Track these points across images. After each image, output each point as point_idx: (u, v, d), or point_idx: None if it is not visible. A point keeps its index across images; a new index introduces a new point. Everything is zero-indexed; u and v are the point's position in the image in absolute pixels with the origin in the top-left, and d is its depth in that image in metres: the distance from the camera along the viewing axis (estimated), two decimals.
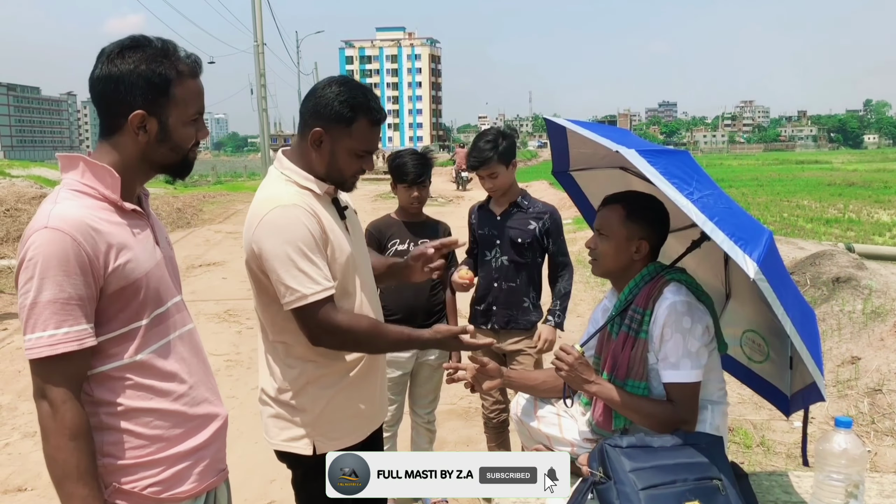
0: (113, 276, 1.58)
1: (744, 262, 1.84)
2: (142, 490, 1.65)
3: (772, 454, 4.41)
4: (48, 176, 21.89)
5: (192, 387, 1.76)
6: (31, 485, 4.16)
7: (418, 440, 3.93)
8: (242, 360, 6.59)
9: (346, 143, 2.14)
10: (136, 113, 1.62)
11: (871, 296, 6.25)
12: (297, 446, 2.24)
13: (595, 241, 2.47)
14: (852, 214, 17.76)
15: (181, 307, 1.81)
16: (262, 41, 33.05)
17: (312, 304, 2.05)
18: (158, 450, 1.68)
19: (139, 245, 1.66)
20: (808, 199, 22.07)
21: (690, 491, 2.00)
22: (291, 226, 2.06)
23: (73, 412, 1.53)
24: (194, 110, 1.72)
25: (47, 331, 1.50)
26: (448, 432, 4.94)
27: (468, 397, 5.51)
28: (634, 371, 2.31)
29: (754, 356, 2.61)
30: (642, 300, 2.33)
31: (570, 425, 2.57)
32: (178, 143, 1.71)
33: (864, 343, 5.57)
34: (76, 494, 1.53)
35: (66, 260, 1.51)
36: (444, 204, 22.21)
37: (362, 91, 2.15)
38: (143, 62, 1.62)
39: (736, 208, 2.17)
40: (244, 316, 8.22)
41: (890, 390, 4.90)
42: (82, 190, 1.62)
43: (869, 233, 14.23)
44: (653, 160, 2.04)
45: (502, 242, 3.57)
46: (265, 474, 4.32)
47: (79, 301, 1.53)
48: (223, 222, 18.52)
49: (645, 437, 2.14)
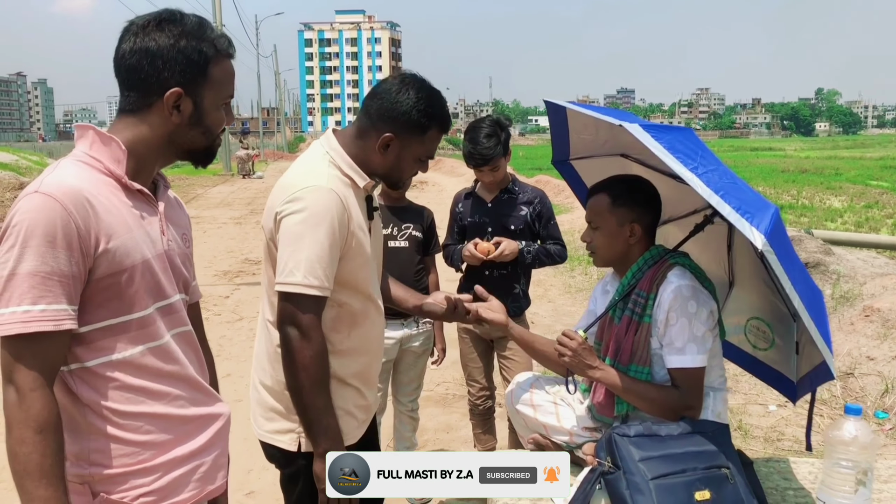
0: (103, 258, 1.42)
1: (751, 234, 1.81)
2: (133, 500, 1.50)
3: (749, 438, 4.45)
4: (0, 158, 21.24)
5: (188, 387, 1.61)
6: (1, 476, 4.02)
7: (401, 428, 3.87)
8: (212, 348, 6.44)
9: (415, 149, 2.10)
10: (173, 91, 1.50)
11: (840, 281, 6.35)
12: (283, 440, 2.15)
13: (589, 235, 2.43)
14: (805, 201, 18.18)
15: (181, 306, 1.65)
16: (220, 22, 32.44)
17: (300, 294, 1.95)
18: (152, 456, 1.53)
19: (140, 230, 1.51)
20: (763, 186, 22.51)
21: (700, 480, 1.97)
22: (320, 210, 1.95)
23: (43, 402, 1.35)
24: (227, 93, 1.61)
25: (22, 306, 1.34)
26: (427, 419, 4.89)
27: (445, 383, 5.47)
28: (638, 356, 2.28)
29: (759, 344, 2.59)
30: (646, 284, 2.29)
31: (567, 414, 2.53)
32: (210, 127, 1.59)
33: (834, 327, 5.65)
34: (37, 496, 1.34)
35: (52, 230, 1.36)
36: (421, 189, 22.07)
37: (438, 100, 2.09)
38: (182, 37, 1.50)
39: (741, 184, 2.15)
40: (211, 302, 8.06)
41: (861, 374, 4.98)
42: (87, 161, 1.48)
43: (822, 219, 14.58)
44: (657, 135, 2.00)
45: (494, 229, 3.49)
46: (243, 464, 4.22)
47: (61, 277, 1.37)
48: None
49: (652, 425, 2.10)
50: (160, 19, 1.51)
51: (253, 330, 6.98)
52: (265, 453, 2.25)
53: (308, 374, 1.97)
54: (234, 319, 7.42)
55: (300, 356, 1.96)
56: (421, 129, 2.06)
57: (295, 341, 1.96)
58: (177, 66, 1.50)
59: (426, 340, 3.67)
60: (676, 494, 1.94)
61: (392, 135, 2.05)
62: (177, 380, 1.58)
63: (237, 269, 10.07)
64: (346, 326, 2.11)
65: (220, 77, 1.57)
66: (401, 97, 2.03)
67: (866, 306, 5.61)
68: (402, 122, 2.04)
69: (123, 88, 1.54)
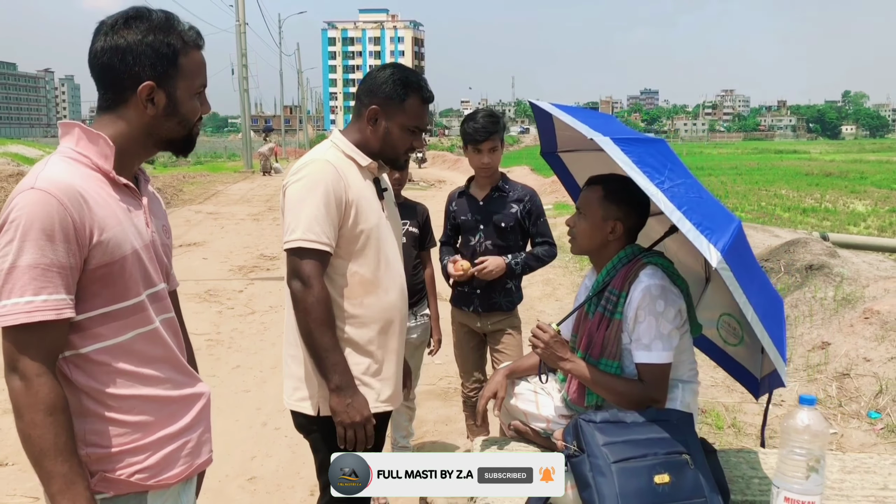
0: (97, 249, 1.50)
1: (708, 252, 1.90)
2: (129, 477, 1.59)
3: (742, 435, 4.53)
4: (26, 153, 21.66)
5: (174, 371, 1.71)
6: (12, 460, 4.18)
7: (398, 418, 3.99)
8: (223, 340, 6.62)
9: (399, 118, 2.36)
10: (145, 84, 1.57)
11: (843, 283, 6.39)
12: (304, 406, 2.38)
13: (574, 220, 2.53)
14: (829, 204, 18.02)
15: (165, 295, 1.74)
16: (243, 21, 32.78)
17: (300, 248, 2.21)
18: (143, 435, 1.61)
19: (128, 223, 1.58)
20: (786, 189, 22.35)
21: (660, 464, 2.07)
22: (316, 178, 2.26)
23: (49, 385, 1.44)
24: (200, 82, 1.68)
25: (24, 297, 1.41)
26: (427, 412, 5.02)
27: (447, 378, 5.59)
28: (608, 350, 2.38)
29: (729, 339, 2.68)
30: (619, 282, 2.39)
31: (546, 402, 2.64)
32: (185, 117, 1.66)
33: (834, 329, 5.71)
34: (56, 472, 1.43)
35: (50, 224, 1.42)
36: (426, 188, 22.25)
37: (413, 72, 2.41)
38: (150, 32, 1.57)
39: (707, 197, 2.23)
40: (224, 296, 8.24)
41: (857, 374, 5.04)
42: (75, 157, 1.55)
43: (844, 222, 14.46)
44: (627, 148, 2.09)
45: (486, 227, 3.60)
46: (246, 451, 4.39)
47: (60, 269, 1.44)
48: (203, 203, 18.44)
49: (618, 412, 2.21)
50: (127, 17, 1.58)
51: (264, 323, 7.16)
52: (294, 423, 2.50)
53: (311, 316, 2.21)
54: (246, 313, 7.59)
55: (304, 302, 2.22)
56: (399, 97, 2.35)
57: (299, 291, 2.23)
58: (146, 60, 1.56)
59: (423, 332, 3.80)
60: (637, 477, 2.04)
61: (376, 107, 2.35)
62: (163, 363, 1.68)
63: (252, 264, 10.25)
64: (358, 294, 2.34)
65: (190, 68, 1.64)
66: (380, 73, 2.38)
67: (866, 308, 5.65)
68: (381, 94, 2.35)
69: (100, 87, 1.61)
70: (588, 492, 2.05)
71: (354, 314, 2.34)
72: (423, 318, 3.78)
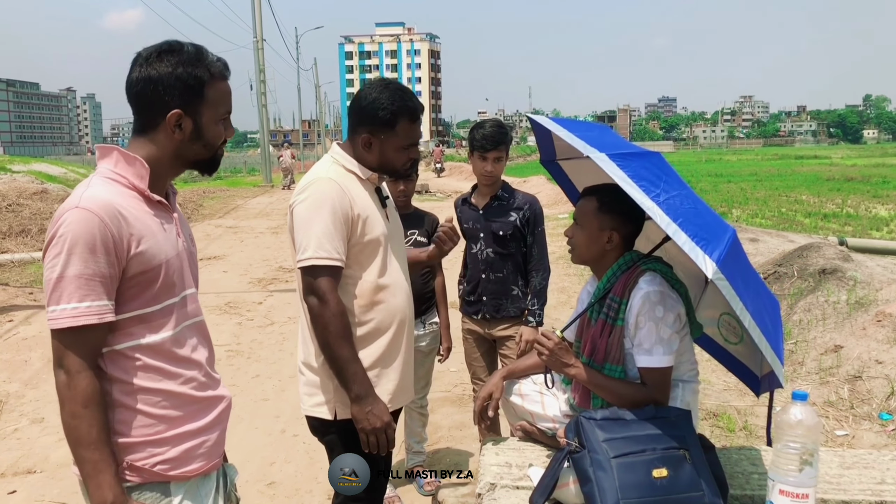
0: (134, 260, 1.67)
1: (703, 263, 1.99)
2: (152, 467, 1.74)
3: (753, 438, 4.57)
4: (49, 171, 22.02)
5: (199, 372, 1.86)
6: (40, 467, 4.32)
7: (412, 424, 4.10)
8: (242, 351, 6.76)
9: (392, 142, 2.43)
10: (173, 112, 1.73)
11: (856, 286, 6.40)
12: (321, 411, 2.49)
13: (572, 231, 2.62)
14: (850, 209, 17.86)
15: (195, 299, 1.92)
16: (261, 37, 33.19)
17: (313, 266, 2.31)
18: (166, 429, 1.76)
19: (162, 234, 1.76)
20: (807, 194, 22.18)
21: (659, 459, 2.15)
22: (322, 196, 2.34)
23: (87, 381, 1.61)
24: (224, 110, 1.84)
25: (71, 303, 1.60)
26: (442, 418, 5.11)
27: (461, 385, 5.68)
28: (612, 356, 2.46)
29: (730, 338, 2.75)
30: (619, 289, 2.47)
31: (551, 403, 2.72)
32: (210, 141, 1.82)
33: (846, 332, 5.73)
34: (88, 459, 1.61)
35: (92, 239, 1.60)
36: (442, 199, 22.41)
37: (400, 93, 2.43)
38: (179, 65, 1.74)
39: (702, 208, 2.31)
40: (244, 308, 8.39)
41: (869, 377, 5.06)
42: (114, 178, 1.72)
43: (867, 227, 14.33)
44: (623, 163, 2.18)
45: (485, 235, 3.69)
46: (265, 457, 4.50)
47: (101, 278, 1.62)
48: (223, 217, 18.69)
49: (618, 410, 2.29)
50: (161, 50, 1.75)
51: (283, 334, 7.28)
52: (309, 427, 2.61)
53: (329, 330, 2.32)
54: (265, 324, 7.72)
55: (322, 318, 2.32)
56: (389, 124, 2.41)
57: (316, 307, 2.33)
58: (175, 90, 1.73)
59: (433, 340, 3.89)
60: (636, 471, 2.12)
61: (368, 135, 2.43)
62: (190, 363, 1.83)
63: (271, 276, 10.40)
64: (367, 299, 2.45)
65: (215, 97, 1.80)
66: (365, 102, 2.42)
67: (879, 311, 5.68)
68: (371, 122, 2.41)
69: (134, 112, 1.79)
70: (589, 486, 2.13)
71: (364, 318, 2.45)
72: (431, 326, 3.88)
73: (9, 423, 5.08)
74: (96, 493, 1.62)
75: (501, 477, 2.48)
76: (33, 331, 7.17)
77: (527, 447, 2.70)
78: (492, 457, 2.63)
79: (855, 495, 2.35)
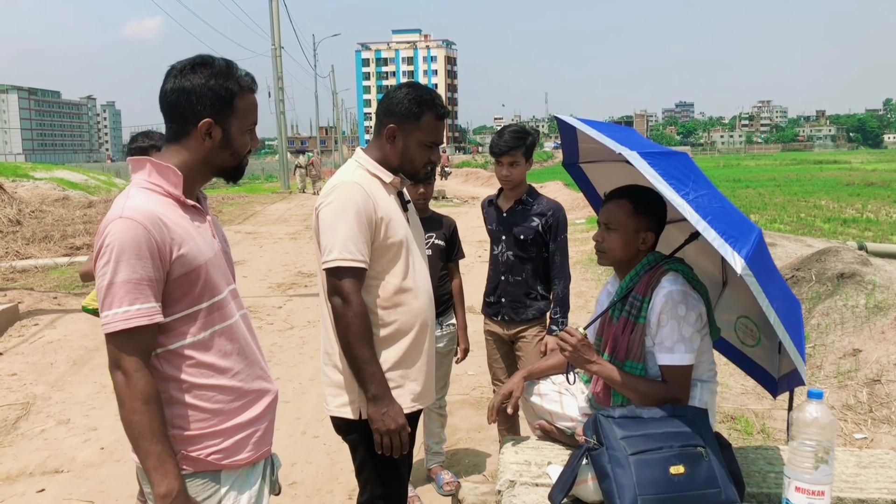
0: (177, 262, 1.76)
1: (732, 259, 2.02)
2: (206, 457, 1.84)
3: (771, 440, 4.58)
4: (71, 178, 22.34)
5: (247, 365, 1.95)
6: (67, 467, 4.41)
7: (431, 424, 4.15)
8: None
9: (416, 135, 2.52)
10: (204, 121, 1.83)
11: (875, 291, 6.38)
12: (345, 411, 2.55)
13: (602, 235, 2.65)
14: (870, 214, 17.69)
15: (236, 294, 2.00)
16: (279, 45, 33.44)
17: (337, 268, 2.38)
18: (219, 422, 1.86)
19: (199, 236, 1.85)
20: (826, 199, 21.99)
21: (676, 456, 2.20)
22: (347, 199, 2.42)
23: (145, 379, 1.71)
24: (251, 121, 1.94)
25: (122, 307, 1.69)
26: (461, 420, 5.16)
27: (480, 388, 5.72)
28: (633, 353, 2.51)
29: (747, 340, 2.79)
30: (642, 288, 2.52)
31: (570, 402, 2.77)
32: (237, 150, 1.92)
33: (865, 336, 5.72)
34: (151, 451, 1.71)
35: (138, 246, 1.70)
36: (458, 205, 22.47)
37: (427, 91, 2.56)
38: (211, 77, 1.84)
39: (729, 207, 2.35)
40: (264, 312, 8.48)
41: (888, 381, 5.05)
42: (150, 187, 1.82)
43: (887, 232, 14.19)
44: (653, 162, 2.22)
45: (507, 238, 3.75)
46: (287, 457, 4.55)
47: (149, 282, 1.71)
48: (242, 223, 18.85)
49: (636, 408, 2.34)
50: (194, 63, 1.85)
51: (303, 338, 7.36)
52: (334, 426, 2.67)
53: (351, 330, 2.39)
54: (285, 328, 7.81)
55: (344, 318, 2.39)
56: (415, 115, 2.49)
57: (339, 307, 2.40)
58: (207, 100, 1.83)
59: (450, 341, 3.95)
60: (653, 468, 2.17)
61: (394, 125, 2.51)
62: (239, 357, 1.93)
63: (290, 281, 10.50)
64: (391, 301, 2.51)
65: (243, 108, 1.90)
66: (396, 93, 2.53)
67: None
68: (398, 112, 2.50)
69: (167, 120, 1.88)
70: (607, 482, 2.18)
71: (388, 319, 2.51)
72: (449, 328, 3.94)
73: (36, 424, 5.18)
74: (162, 481, 1.72)
75: (521, 474, 2.53)
76: (58, 334, 7.29)
77: (545, 446, 2.75)
78: (511, 455, 2.68)
79: (871, 494, 2.38)
